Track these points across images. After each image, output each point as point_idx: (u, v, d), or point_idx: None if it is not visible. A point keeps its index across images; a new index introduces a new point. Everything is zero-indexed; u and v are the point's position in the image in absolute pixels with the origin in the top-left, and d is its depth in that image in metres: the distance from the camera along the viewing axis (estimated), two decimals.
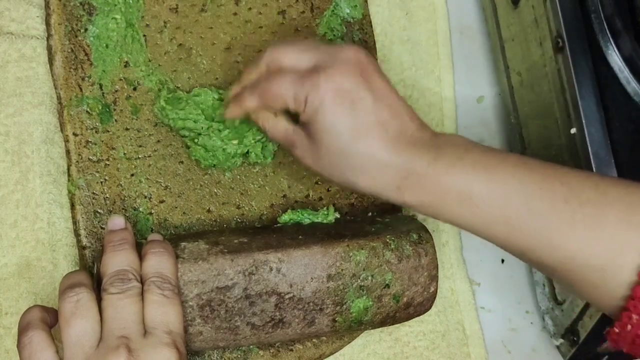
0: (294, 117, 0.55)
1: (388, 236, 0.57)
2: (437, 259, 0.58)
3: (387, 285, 0.56)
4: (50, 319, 0.50)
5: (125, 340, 0.47)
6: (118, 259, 0.51)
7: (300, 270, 0.54)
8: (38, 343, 0.48)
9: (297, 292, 0.54)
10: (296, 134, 0.55)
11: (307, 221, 0.59)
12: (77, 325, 0.48)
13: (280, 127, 0.56)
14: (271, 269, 0.53)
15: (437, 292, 0.59)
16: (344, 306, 0.55)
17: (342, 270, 0.55)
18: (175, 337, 0.49)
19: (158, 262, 0.51)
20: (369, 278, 0.55)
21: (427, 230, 0.59)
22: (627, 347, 0.50)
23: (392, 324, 0.59)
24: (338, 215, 0.60)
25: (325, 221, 0.60)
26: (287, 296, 0.54)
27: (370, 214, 0.64)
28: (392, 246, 0.57)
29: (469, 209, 0.51)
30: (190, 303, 0.52)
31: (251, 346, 0.59)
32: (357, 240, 0.56)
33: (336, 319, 0.55)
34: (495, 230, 0.51)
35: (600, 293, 0.50)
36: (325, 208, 0.60)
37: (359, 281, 0.55)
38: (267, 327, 0.54)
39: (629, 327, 0.48)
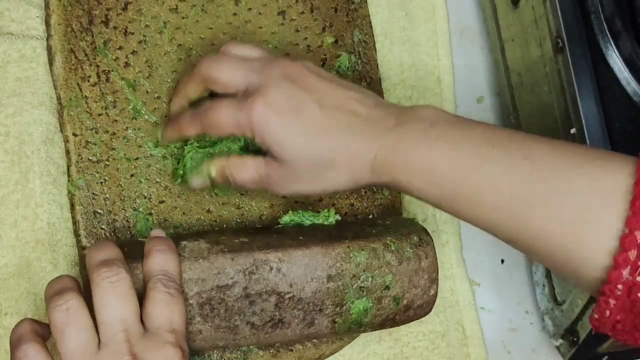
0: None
1: (389, 238, 0.57)
2: (437, 262, 0.58)
3: (387, 287, 0.56)
4: (43, 332, 0.49)
5: (128, 345, 0.47)
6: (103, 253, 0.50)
7: (301, 270, 0.54)
8: (34, 356, 0.47)
9: (297, 292, 0.54)
10: (267, 162, 0.55)
11: (307, 223, 0.59)
12: (72, 335, 0.47)
13: (250, 165, 0.55)
14: (271, 269, 0.53)
15: (437, 295, 0.58)
16: (344, 307, 0.55)
17: (342, 271, 0.55)
18: (179, 336, 0.48)
19: (163, 260, 0.51)
20: (369, 279, 0.55)
21: (428, 233, 0.59)
22: (610, 332, 0.49)
23: (392, 327, 0.59)
24: (339, 218, 0.60)
25: (326, 223, 0.59)
26: (287, 296, 0.54)
27: (371, 216, 0.64)
28: (393, 248, 0.57)
29: (435, 185, 0.51)
30: (191, 301, 0.52)
31: (251, 346, 0.59)
32: (358, 242, 0.56)
33: (336, 320, 0.55)
34: (460, 207, 0.51)
35: (573, 273, 0.49)
36: (326, 210, 0.60)
37: (359, 282, 0.55)
38: (266, 327, 0.54)
39: (607, 312, 0.47)
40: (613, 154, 0.50)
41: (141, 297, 0.49)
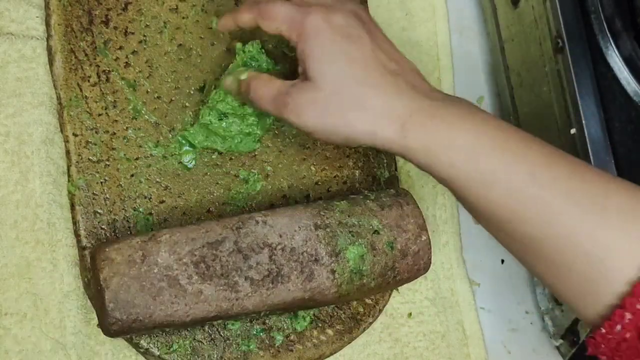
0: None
1: (366, 192, 0.60)
2: (420, 209, 0.59)
3: (377, 232, 0.57)
4: None
5: None
6: None
7: (286, 220, 0.55)
8: None
9: (287, 242, 0.55)
10: (289, 88, 0.53)
11: None
12: None
13: (275, 83, 0.54)
14: (257, 222, 0.55)
15: (430, 242, 0.59)
16: (339, 255, 0.56)
17: (327, 218, 0.56)
18: None
19: None
20: (356, 224, 0.56)
21: (404, 189, 0.61)
22: (609, 352, 0.47)
23: (395, 279, 0.58)
24: None
25: None
26: (278, 247, 0.55)
27: None
28: (372, 197, 0.59)
29: (472, 164, 0.49)
30: (185, 260, 0.53)
31: (260, 313, 0.59)
32: (337, 196, 0.58)
33: (334, 269, 0.56)
34: (493, 192, 0.49)
35: (585, 287, 0.48)
36: None
37: (347, 227, 0.56)
38: (266, 282, 0.54)
39: (618, 327, 0.46)
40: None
41: None
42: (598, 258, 0.47)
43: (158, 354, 0.57)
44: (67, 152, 0.59)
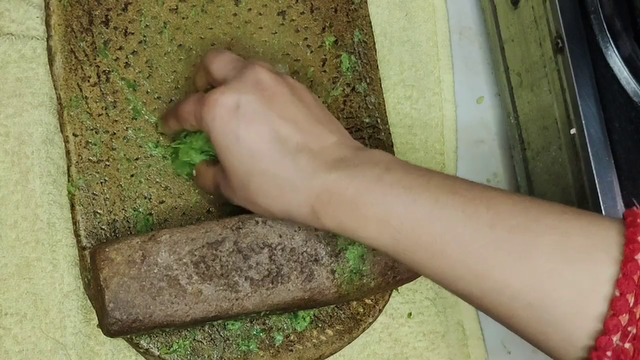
0: None
1: None
2: None
3: None
4: None
5: None
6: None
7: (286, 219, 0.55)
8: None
9: (287, 242, 0.55)
10: (217, 176, 0.54)
11: None
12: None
13: (209, 173, 0.56)
14: (257, 222, 0.55)
15: None
16: (339, 255, 0.56)
17: None
18: None
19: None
20: None
21: None
22: None
23: (395, 279, 0.58)
24: None
25: None
26: (278, 247, 0.55)
27: None
28: None
29: (389, 234, 0.47)
30: (184, 260, 0.53)
31: (260, 313, 0.59)
32: None
33: (334, 269, 0.56)
34: (418, 258, 0.47)
35: (540, 336, 0.45)
36: None
37: None
38: (266, 282, 0.55)
39: None
40: (588, 213, 0.46)
41: None
42: (543, 308, 0.44)
43: (158, 354, 0.57)
44: (67, 152, 0.59)
